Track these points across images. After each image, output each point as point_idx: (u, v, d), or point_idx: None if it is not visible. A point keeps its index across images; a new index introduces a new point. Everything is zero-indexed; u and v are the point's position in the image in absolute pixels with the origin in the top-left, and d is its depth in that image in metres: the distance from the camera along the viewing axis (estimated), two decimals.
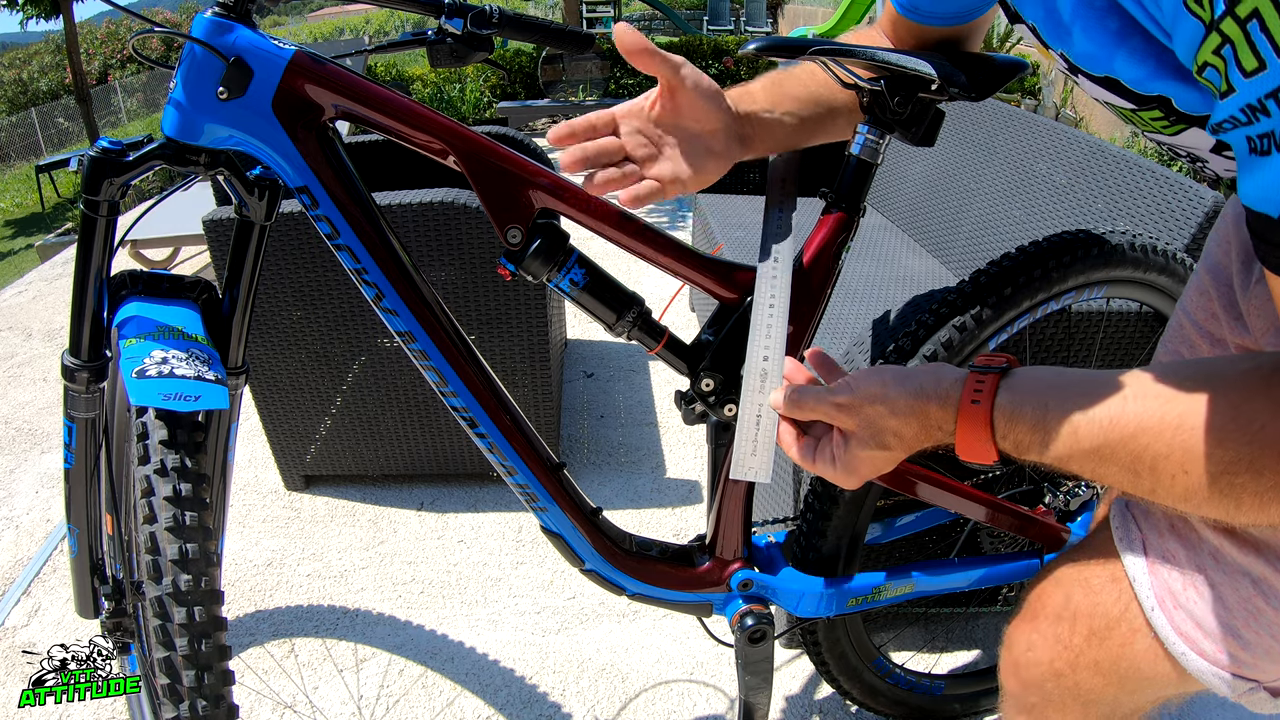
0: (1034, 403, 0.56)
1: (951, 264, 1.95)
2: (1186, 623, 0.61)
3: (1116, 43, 0.55)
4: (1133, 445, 0.52)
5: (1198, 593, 0.60)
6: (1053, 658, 0.68)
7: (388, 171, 2.01)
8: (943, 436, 0.63)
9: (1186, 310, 0.75)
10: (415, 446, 1.80)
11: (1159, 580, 0.62)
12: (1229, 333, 0.69)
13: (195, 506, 0.72)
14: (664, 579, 0.97)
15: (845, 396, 0.65)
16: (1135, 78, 0.56)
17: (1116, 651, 0.64)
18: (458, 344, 0.83)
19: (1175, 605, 0.61)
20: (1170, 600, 0.61)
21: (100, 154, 0.75)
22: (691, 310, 2.70)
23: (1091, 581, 0.67)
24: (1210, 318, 0.72)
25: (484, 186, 0.77)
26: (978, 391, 0.59)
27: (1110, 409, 0.53)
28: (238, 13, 0.72)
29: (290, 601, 1.58)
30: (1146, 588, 0.62)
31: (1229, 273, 0.69)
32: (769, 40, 0.79)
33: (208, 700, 0.69)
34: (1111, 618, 0.64)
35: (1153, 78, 0.55)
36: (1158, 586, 0.62)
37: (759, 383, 0.76)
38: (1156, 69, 0.54)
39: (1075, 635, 0.66)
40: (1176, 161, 4.71)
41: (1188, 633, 0.60)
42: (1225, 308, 0.69)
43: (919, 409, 0.62)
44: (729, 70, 6.50)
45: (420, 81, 6.37)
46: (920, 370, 0.64)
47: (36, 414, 2.34)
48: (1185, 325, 0.74)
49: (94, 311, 0.81)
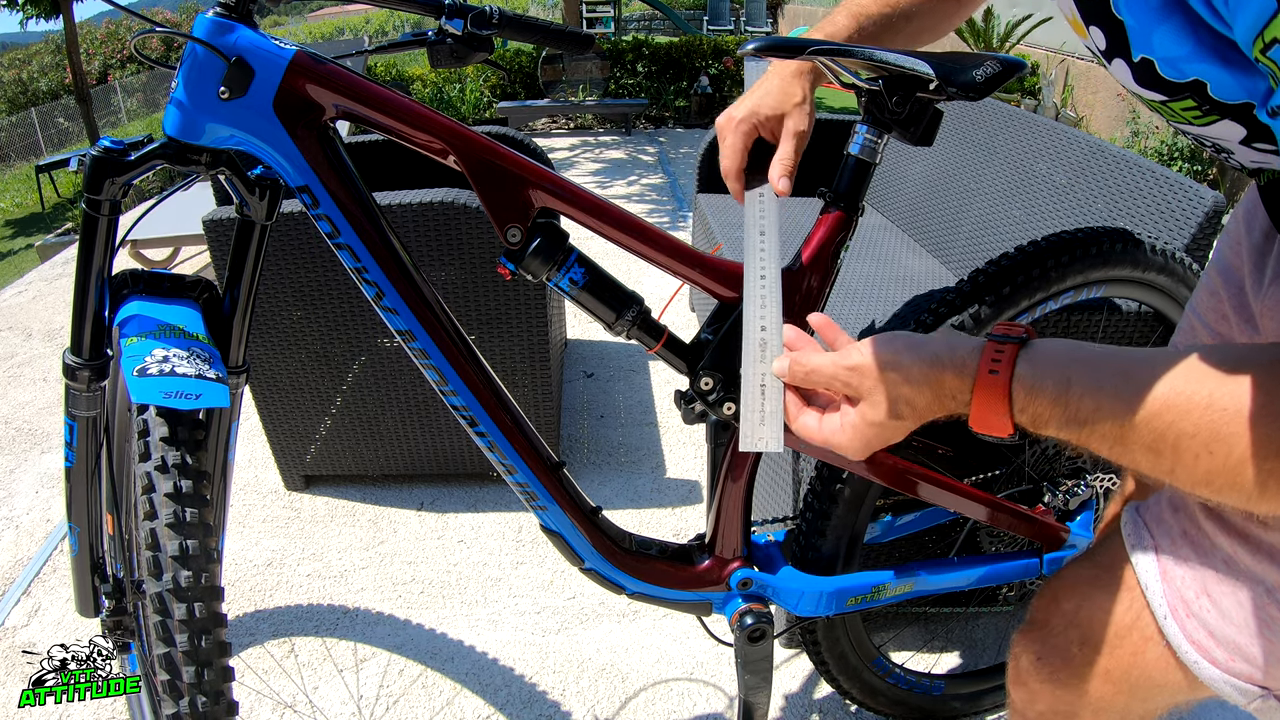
0: (1055, 376, 0.54)
1: (951, 264, 1.96)
2: (1199, 631, 0.60)
3: (1158, 19, 0.53)
4: (1157, 422, 0.50)
5: (1210, 601, 0.60)
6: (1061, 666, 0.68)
7: (388, 171, 2.01)
8: (956, 407, 0.60)
9: (1197, 311, 0.75)
10: (415, 446, 1.80)
11: (1171, 589, 0.62)
12: (1239, 334, 0.69)
13: (195, 503, 0.73)
14: (663, 578, 0.97)
15: (856, 360, 0.63)
16: (1173, 57, 0.54)
17: (1128, 660, 0.64)
18: (458, 343, 0.83)
19: (1188, 614, 0.61)
20: (1183, 609, 0.61)
21: (102, 153, 0.75)
22: (691, 310, 2.71)
23: (1102, 589, 0.66)
24: (1220, 319, 0.71)
25: (484, 186, 0.77)
26: (995, 361, 0.56)
27: (1137, 384, 0.51)
28: (239, 13, 0.72)
29: (290, 601, 1.58)
30: (1159, 596, 0.62)
31: (1240, 274, 0.69)
32: (768, 40, 0.79)
33: (207, 696, 0.69)
34: (1123, 626, 0.64)
35: (1191, 59, 0.53)
36: (1170, 595, 0.61)
37: (759, 352, 0.75)
38: (1196, 49, 0.52)
39: (1085, 644, 0.66)
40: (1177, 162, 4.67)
41: (1200, 641, 0.60)
42: (1236, 309, 0.69)
43: (933, 377, 0.59)
44: (729, 70, 6.50)
45: (420, 81, 6.37)
46: (935, 337, 0.62)
47: (36, 414, 2.34)
48: (1195, 326, 0.74)
49: (95, 310, 0.82)
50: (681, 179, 4.81)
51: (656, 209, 4.28)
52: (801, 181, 0.92)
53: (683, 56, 6.52)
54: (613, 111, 6.18)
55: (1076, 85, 6.02)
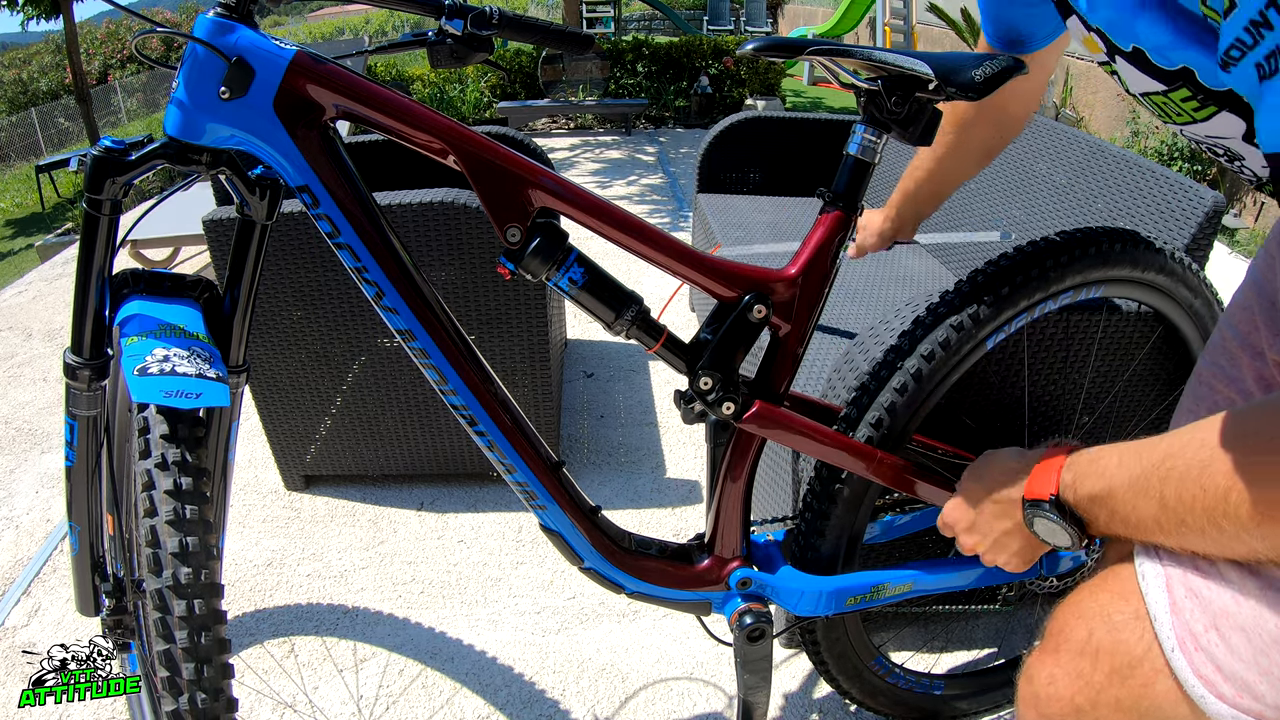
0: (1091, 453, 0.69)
1: (951, 264, 1.96)
2: (1206, 665, 0.59)
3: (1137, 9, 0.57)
4: (1161, 469, 0.58)
5: (1219, 635, 0.59)
6: (1074, 693, 0.67)
7: (388, 171, 2.02)
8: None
9: (1229, 323, 0.76)
10: (415, 446, 1.80)
11: (1180, 621, 0.61)
12: (1268, 346, 0.69)
13: (195, 500, 0.73)
14: (663, 577, 0.97)
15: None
16: (1158, 44, 0.58)
17: (1138, 691, 0.64)
18: (457, 343, 0.84)
19: (1196, 647, 0.60)
20: (1191, 642, 0.60)
21: (103, 153, 0.75)
22: (691, 310, 2.71)
23: (1114, 618, 0.66)
24: (1253, 329, 0.72)
25: (484, 186, 0.77)
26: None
27: (1148, 442, 0.62)
28: (239, 13, 0.72)
29: (290, 601, 1.58)
30: (1168, 628, 0.62)
31: (1272, 287, 0.70)
32: (768, 40, 0.80)
33: (207, 693, 0.69)
34: (1134, 657, 0.64)
35: (1174, 45, 0.56)
36: (1179, 627, 0.61)
37: None
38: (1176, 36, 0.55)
39: (1097, 672, 0.66)
40: (1177, 162, 4.67)
41: (1207, 676, 0.59)
42: (1266, 322, 0.70)
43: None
44: (729, 70, 6.50)
45: (420, 81, 6.37)
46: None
47: (36, 414, 2.34)
48: (1227, 337, 0.75)
49: (96, 310, 0.82)
50: (681, 179, 4.81)
51: (656, 209, 4.28)
52: (801, 181, 0.93)
53: (683, 56, 6.52)
54: (613, 111, 6.18)
55: (1076, 85, 6.02)
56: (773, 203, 2.39)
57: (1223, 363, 0.75)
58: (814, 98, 7.93)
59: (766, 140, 2.47)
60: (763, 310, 0.86)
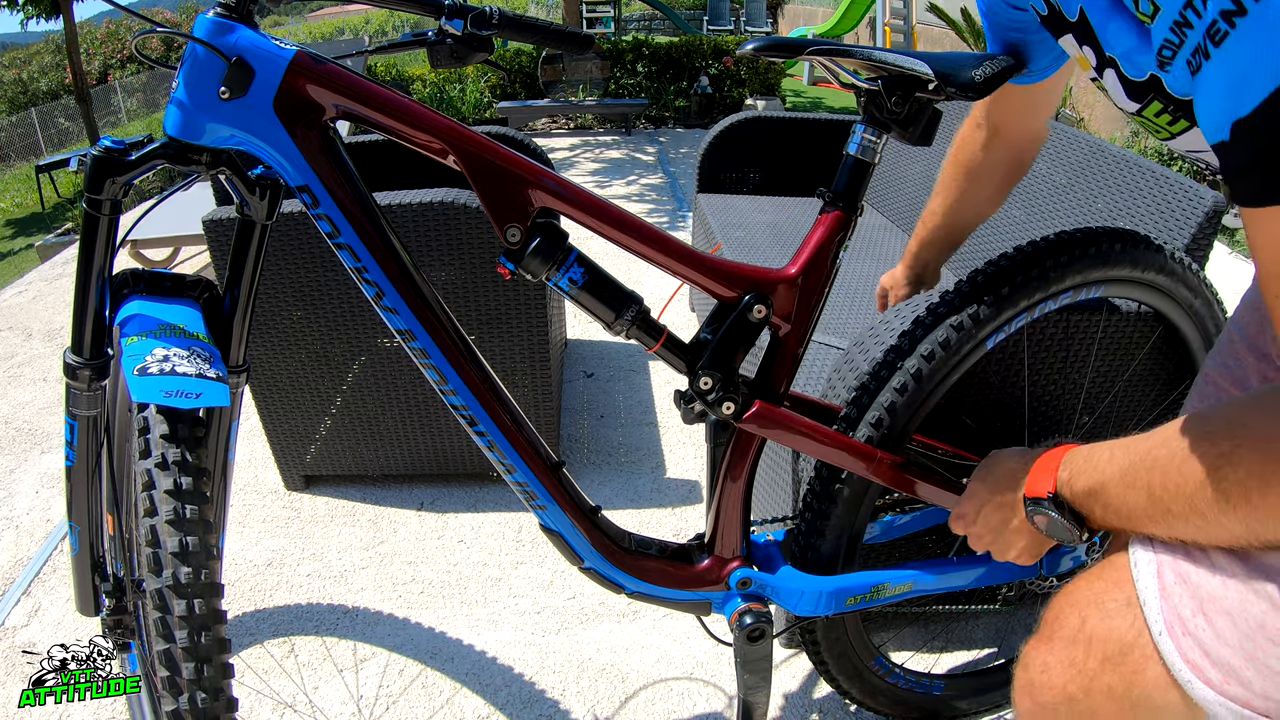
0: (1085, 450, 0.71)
1: (951, 264, 1.96)
2: (1194, 650, 0.60)
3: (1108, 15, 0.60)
4: (1147, 460, 0.61)
5: (1206, 619, 0.60)
6: (1066, 681, 0.68)
7: (388, 171, 2.02)
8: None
9: (1238, 323, 0.76)
10: (415, 446, 1.80)
11: (1169, 606, 0.62)
12: (1273, 346, 0.70)
13: (195, 500, 0.73)
14: (662, 577, 0.97)
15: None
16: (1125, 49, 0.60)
17: (1129, 678, 0.64)
18: (457, 343, 0.84)
19: (1184, 631, 0.61)
20: (1179, 626, 0.61)
21: (103, 153, 0.75)
22: (691, 310, 2.71)
23: (1107, 605, 0.67)
24: (1259, 331, 0.73)
25: (484, 186, 0.78)
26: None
27: (1138, 437, 0.64)
28: (239, 13, 0.72)
29: (290, 601, 1.58)
30: (1156, 613, 0.62)
31: None
32: (768, 40, 0.80)
33: (207, 692, 0.69)
34: (1125, 643, 0.64)
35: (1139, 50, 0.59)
36: (1167, 612, 0.62)
37: None
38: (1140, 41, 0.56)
39: (1090, 660, 0.66)
40: (1177, 162, 4.68)
41: (1195, 660, 0.60)
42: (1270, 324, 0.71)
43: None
44: (729, 70, 6.50)
45: (420, 81, 6.37)
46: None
47: (36, 414, 2.34)
48: (1234, 339, 0.76)
49: (96, 310, 0.82)
50: (681, 179, 4.81)
51: (656, 209, 4.28)
52: (801, 181, 0.93)
53: (683, 56, 6.52)
54: (613, 111, 6.18)
55: (1076, 85, 6.02)
56: (773, 203, 2.39)
57: (1230, 363, 0.75)
58: (814, 98, 7.93)
59: (766, 140, 2.47)
60: (763, 310, 0.86)
